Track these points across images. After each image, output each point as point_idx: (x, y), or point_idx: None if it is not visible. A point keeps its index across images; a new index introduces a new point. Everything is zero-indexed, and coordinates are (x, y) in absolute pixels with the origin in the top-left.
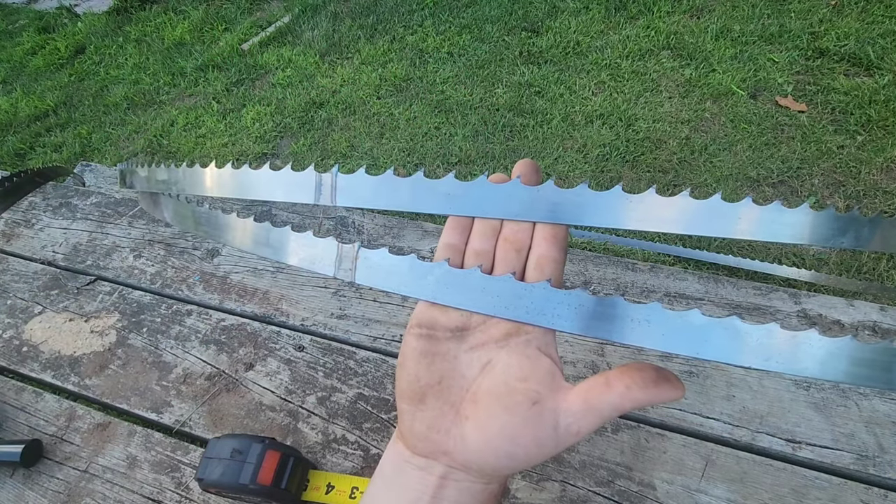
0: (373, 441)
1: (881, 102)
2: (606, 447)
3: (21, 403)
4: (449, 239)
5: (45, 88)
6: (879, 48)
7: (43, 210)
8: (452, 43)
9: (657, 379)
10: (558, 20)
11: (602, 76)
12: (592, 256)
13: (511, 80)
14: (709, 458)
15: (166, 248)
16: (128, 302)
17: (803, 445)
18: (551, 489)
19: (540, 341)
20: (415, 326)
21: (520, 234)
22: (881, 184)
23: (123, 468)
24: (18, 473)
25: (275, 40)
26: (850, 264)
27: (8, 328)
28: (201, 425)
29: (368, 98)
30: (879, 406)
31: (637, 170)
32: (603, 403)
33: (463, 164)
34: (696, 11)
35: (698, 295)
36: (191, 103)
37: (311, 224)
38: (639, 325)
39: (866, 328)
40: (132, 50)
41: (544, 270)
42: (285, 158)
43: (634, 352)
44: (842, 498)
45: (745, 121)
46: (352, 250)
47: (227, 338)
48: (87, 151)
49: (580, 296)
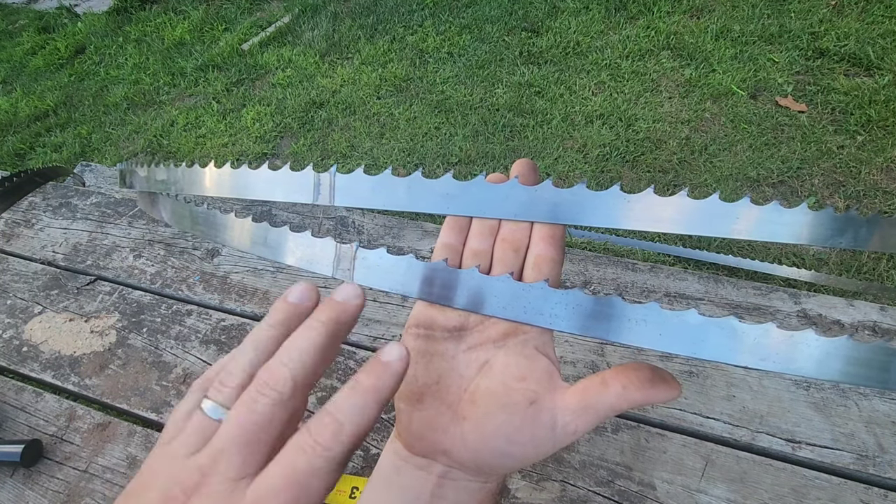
0: (372, 441)
1: (881, 102)
2: (606, 447)
3: (21, 403)
4: (447, 239)
5: (45, 88)
6: (879, 48)
7: (43, 210)
8: (452, 43)
9: (653, 378)
10: (558, 20)
11: (602, 76)
12: (592, 256)
13: (511, 80)
14: (709, 458)
15: (166, 248)
16: (128, 302)
17: (803, 445)
18: (551, 489)
19: (538, 341)
20: (413, 326)
21: (518, 233)
22: (881, 184)
23: (123, 468)
24: (18, 473)
25: (275, 40)
26: (850, 264)
27: (8, 328)
28: None
29: (368, 98)
30: (879, 406)
31: (637, 170)
32: (600, 403)
33: (463, 164)
34: (696, 11)
35: (698, 295)
36: (191, 103)
37: (311, 224)
38: (636, 324)
39: (866, 328)
40: (132, 50)
41: (542, 270)
42: (285, 158)
43: (634, 352)
44: (842, 498)
45: (745, 121)
46: (350, 250)
47: (227, 338)
48: (87, 151)
49: (578, 295)
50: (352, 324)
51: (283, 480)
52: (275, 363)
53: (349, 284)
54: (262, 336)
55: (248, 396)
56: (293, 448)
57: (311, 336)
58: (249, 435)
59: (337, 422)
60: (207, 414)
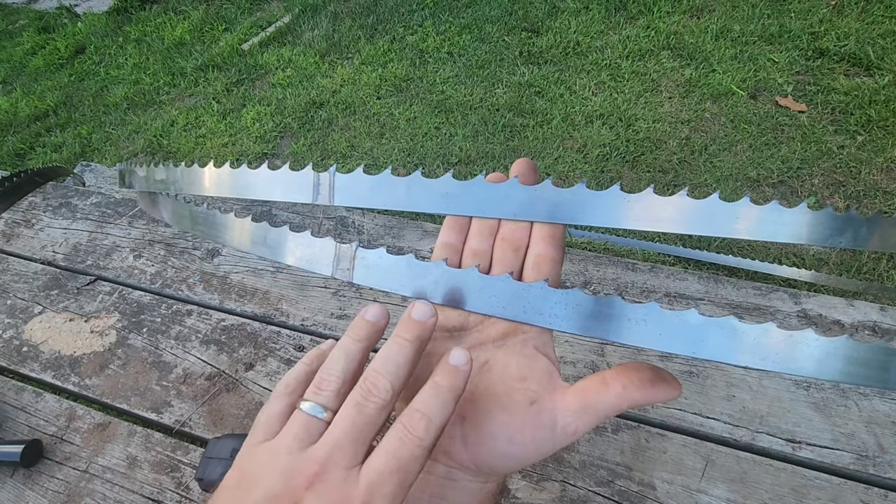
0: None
1: (881, 102)
2: (606, 447)
3: (21, 403)
4: (447, 238)
5: (45, 88)
6: (879, 48)
7: (43, 210)
8: (452, 43)
9: (654, 379)
10: (558, 20)
11: (602, 76)
12: (592, 256)
13: (511, 80)
14: (709, 458)
15: (166, 248)
16: (128, 302)
17: (803, 445)
18: (551, 489)
19: (537, 341)
20: None
21: (517, 233)
22: (881, 184)
23: (123, 468)
24: (18, 473)
25: (275, 40)
26: (850, 264)
27: (8, 328)
28: (201, 425)
29: (368, 98)
30: (879, 406)
31: (637, 170)
32: (600, 403)
33: (463, 164)
34: (696, 11)
35: (698, 295)
36: (191, 103)
37: (310, 224)
38: (636, 324)
39: (866, 328)
40: (132, 50)
41: (542, 270)
42: (285, 158)
43: (634, 352)
44: (842, 498)
45: (745, 121)
46: (349, 250)
47: (227, 338)
48: (87, 151)
49: (577, 295)
50: (429, 339)
51: (390, 467)
52: (375, 374)
53: (423, 303)
54: (351, 349)
55: (355, 400)
56: (394, 440)
57: (404, 352)
58: (359, 432)
59: (427, 417)
60: (309, 413)
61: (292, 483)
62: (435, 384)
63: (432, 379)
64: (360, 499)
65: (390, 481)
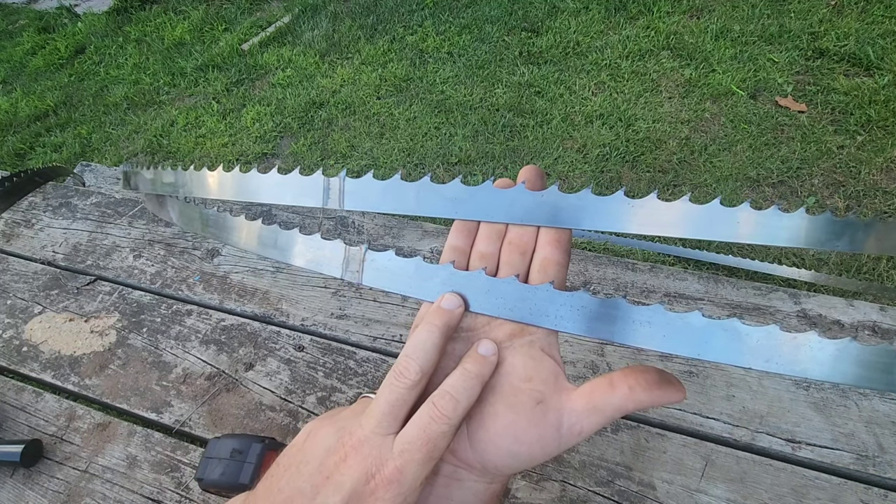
0: None
1: (881, 102)
2: (606, 447)
3: (21, 403)
4: (455, 241)
5: (45, 88)
6: (879, 48)
7: (43, 210)
8: (452, 43)
9: (660, 381)
10: (558, 20)
11: (602, 76)
12: (592, 256)
13: (511, 80)
14: (709, 458)
15: (166, 248)
16: (128, 302)
17: (803, 445)
18: (551, 489)
19: (543, 342)
20: None
21: (524, 237)
22: (881, 184)
23: (123, 468)
24: (18, 473)
25: (275, 40)
26: (850, 264)
27: (8, 328)
28: (201, 425)
29: (368, 98)
30: (879, 406)
31: (637, 170)
32: (606, 404)
33: (463, 164)
34: (696, 11)
35: (698, 295)
36: (191, 103)
37: (310, 224)
38: (641, 326)
39: (866, 328)
40: (132, 50)
41: (548, 273)
42: (285, 158)
43: (634, 352)
44: (842, 498)
45: (745, 121)
46: (359, 252)
47: (227, 338)
48: (87, 151)
49: (583, 297)
50: (456, 327)
51: (420, 438)
52: (406, 358)
53: (452, 294)
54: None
55: (389, 380)
56: (426, 416)
57: (432, 338)
58: (391, 406)
59: (455, 399)
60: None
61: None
62: (465, 370)
63: (462, 365)
64: (393, 462)
65: (420, 451)
